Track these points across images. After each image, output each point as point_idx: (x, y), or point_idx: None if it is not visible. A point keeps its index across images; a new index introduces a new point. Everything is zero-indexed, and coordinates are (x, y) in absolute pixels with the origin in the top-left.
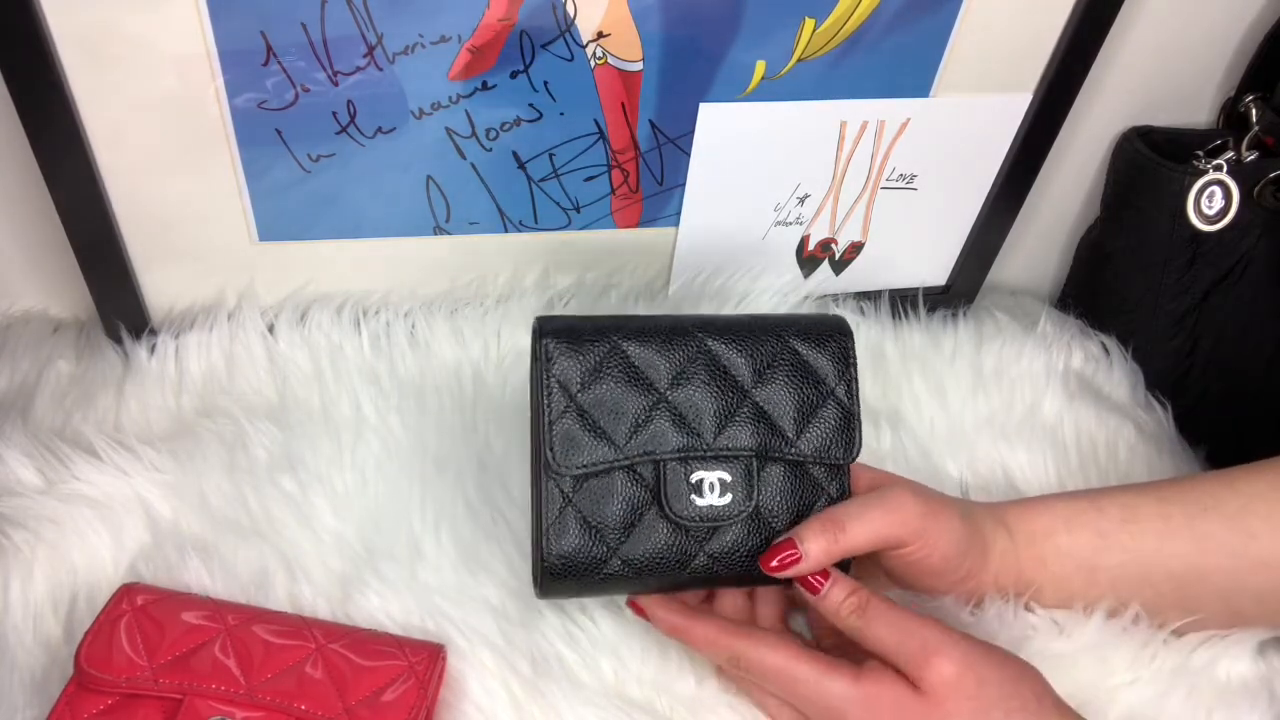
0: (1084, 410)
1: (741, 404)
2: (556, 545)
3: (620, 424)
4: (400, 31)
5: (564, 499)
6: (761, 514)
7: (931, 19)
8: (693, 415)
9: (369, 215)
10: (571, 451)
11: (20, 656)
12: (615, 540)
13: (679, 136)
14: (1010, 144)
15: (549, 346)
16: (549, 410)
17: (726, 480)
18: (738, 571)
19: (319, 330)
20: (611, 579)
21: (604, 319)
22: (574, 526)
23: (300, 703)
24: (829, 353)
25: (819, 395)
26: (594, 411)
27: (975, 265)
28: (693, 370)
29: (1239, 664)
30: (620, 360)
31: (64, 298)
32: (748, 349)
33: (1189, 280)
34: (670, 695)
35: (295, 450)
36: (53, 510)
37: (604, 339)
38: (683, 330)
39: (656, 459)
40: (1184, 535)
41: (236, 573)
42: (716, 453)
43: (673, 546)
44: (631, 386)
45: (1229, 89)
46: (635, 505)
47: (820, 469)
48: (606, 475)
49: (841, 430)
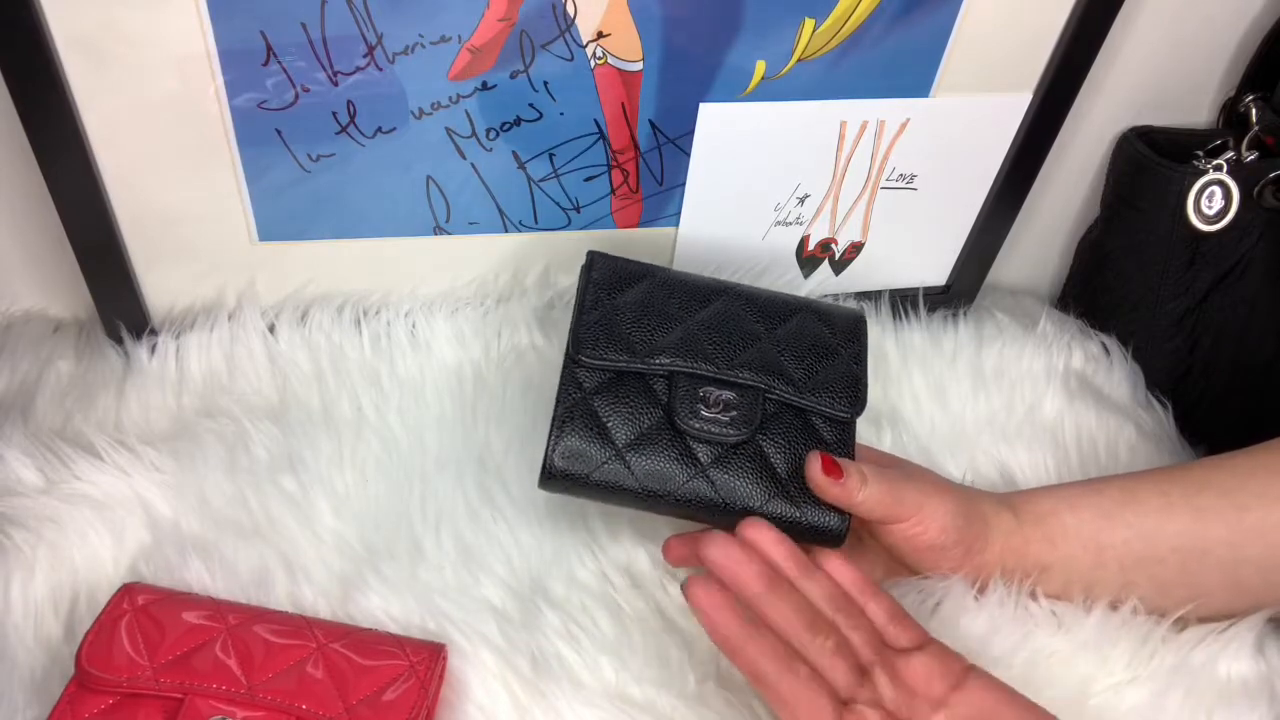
0: (1084, 410)
1: (758, 346)
2: (564, 436)
3: (644, 336)
4: (400, 31)
5: (581, 393)
6: (764, 453)
7: (931, 19)
8: (711, 349)
9: (369, 215)
10: (595, 345)
11: (21, 656)
12: (623, 442)
13: (679, 136)
14: (1010, 144)
15: (595, 258)
16: (583, 304)
17: (732, 400)
18: (734, 504)
19: (319, 330)
20: (610, 483)
21: (653, 265)
22: (584, 421)
23: (301, 702)
24: (844, 327)
25: (830, 355)
26: (622, 319)
27: (975, 265)
28: (719, 319)
29: (1239, 663)
30: (656, 284)
31: (64, 298)
32: (771, 310)
33: (1189, 280)
34: (671, 695)
35: (295, 450)
36: (53, 510)
37: (646, 276)
38: (719, 288)
39: (672, 370)
40: (1183, 511)
41: (237, 572)
42: (728, 377)
43: (676, 460)
44: (661, 307)
45: (1229, 89)
46: (646, 414)
47: (824, 423)
48: (624, 382)
49: (848, 387)
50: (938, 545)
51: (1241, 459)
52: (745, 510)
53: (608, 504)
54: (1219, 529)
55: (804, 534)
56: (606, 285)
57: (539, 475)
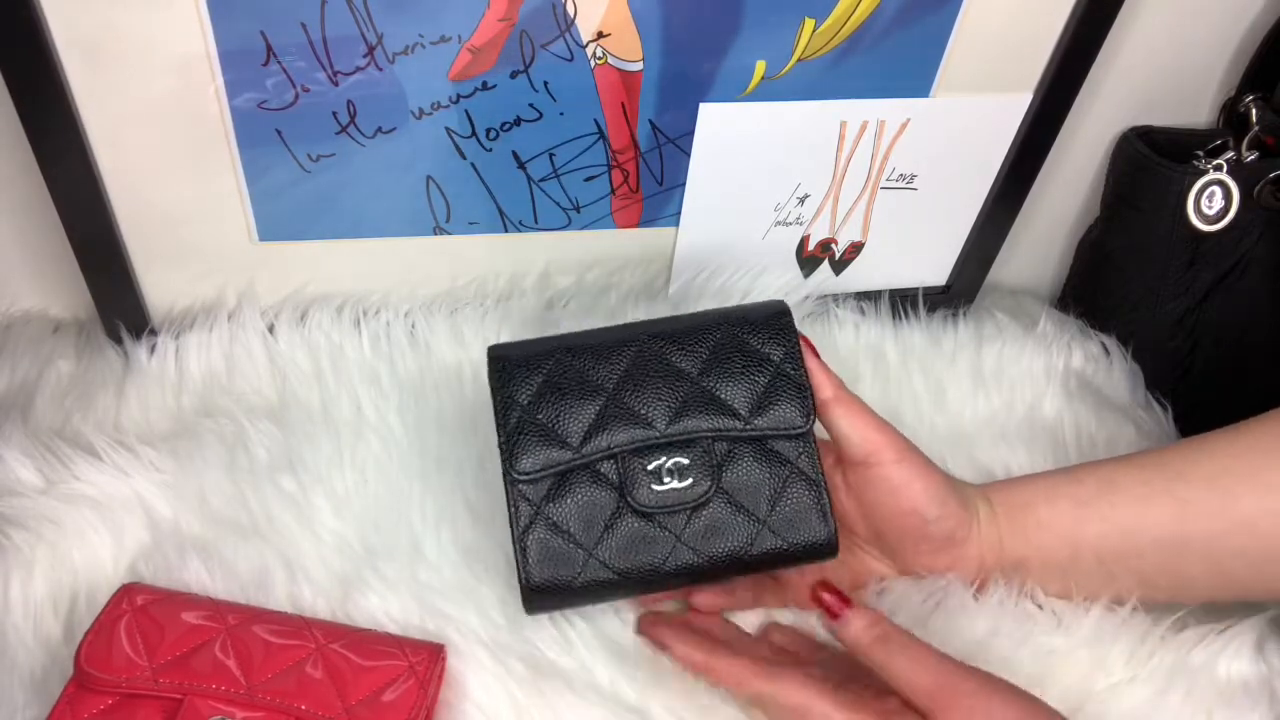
0: (1084, 410)
1: (691, 393)
2: (532, 555)
3: (573, 427)
4: (400, 31)
5: (533, 509)
6: (735, 497)
7: (931, 19)
8: (643, 410)
9: (369, 215)
10: (528, 457)
11: (20, 656)
12: (590, 543)
13: (679, 136)
14: (1010, 144)
15: (498, 368)
16: (504, 424)
17: (684, 464)
18: (721, 559)
19: (319, 330)
20: (595, 583)
21: (552, 338)
22: (545, 534)
23: (300, 703)
24: (770, 332)
25: (766, 373)
26: (546, 419)
27: (975, 265)
28: (640, 370)
29: (1239, 663)
30: (567, 370)
31: (64, 298)
32: (691, 343)
33: (1189, 280)
34: (668, 695)
35: (295, 450)
36: (53, 510)
37: (550, 355)
38: (627, 337)
39: (613, 453)
40: (1163, 500)
41: (236, 572)
42: (670, 439)
43: (649, 539)
44: (581, 392)
45: (1229, 89)
46: (603, 505)
47: (784, 443)
48: (570, 480)
49: (794, 401)
50: (920, 512)
51: (1225, 442)
52: (735, 561)
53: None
54: (1201, 520)
55: (795, 559)
56: (516, 381)
57: (522, 602)
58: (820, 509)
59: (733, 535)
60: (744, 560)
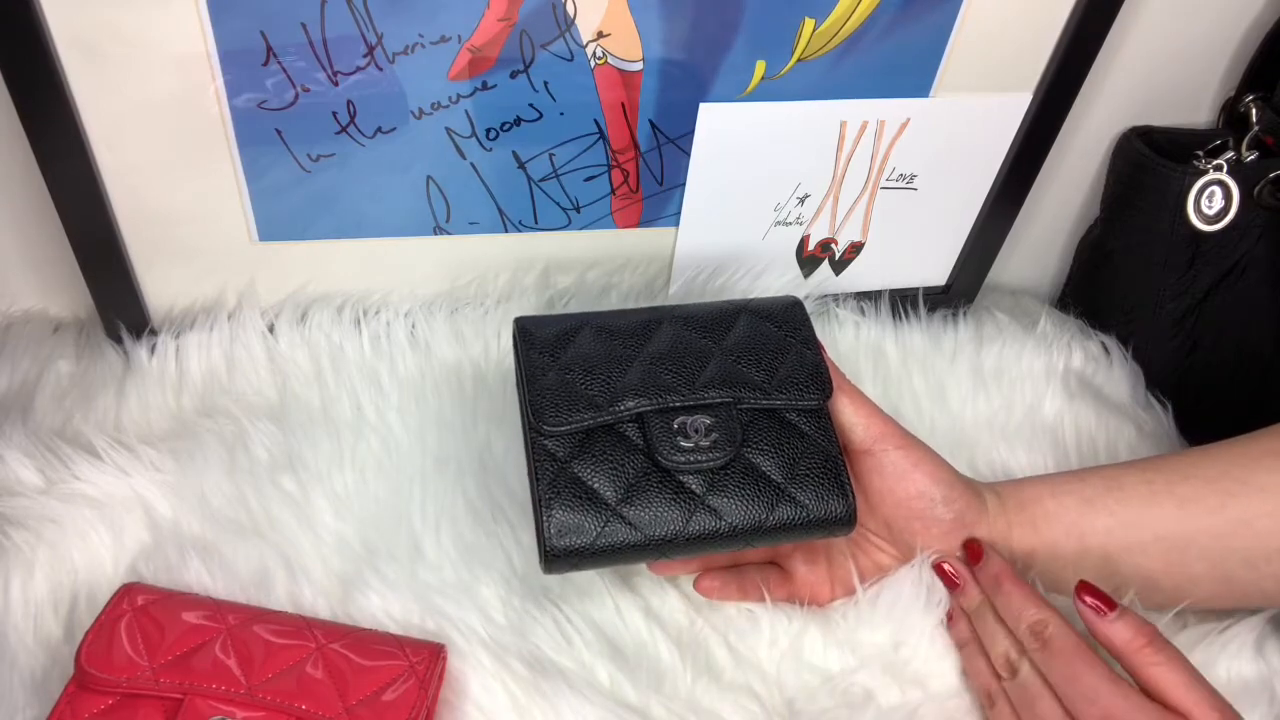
0: (1084, 410)
1: (714, 365)
2: (555, 514)
3: (599, 389)
4: (400, 31)
5: (556, 467)
6: (756, 465)
7: (931, 19)
8: (668, 378)
9: (369, 215)
10: (554, 413)
11: (21, 656)
12: (615, 499)
13: (679, 136)
14: (1010, 144)
15: (524, 324)
16: (530, 374)
17: (708, 423)
18: (742, 525)
19: (319, 330)
20: (615, 544)
21: (577, 314)
22: (569, 490)
23: (301, 702)
24: (785, 317)
25: (782, 349)
26: (573, 380)
27: (975, 265)
28: (665, 343)
29: (1239, 664)
30: (594, 340)
31: (64, 298)
32: (712, 322)
33: (1189, 280)
34: (666, 695)
35: (295, 450)
36: (53, 510)
37: (577, 329)
38: (651, 317)
39: (639, 412)
40: (1166, 500)
41: (237, 572)
42: (696, 400)
43: (672, 501)
44: (607, 359)
45: (1229, 89)
46: (628, 465)
47: (800, 417)
48: (595, 439)
49: (810, 375)
50: (928, 494)
51: (1226, 448)
52: (754, 528)
53: (617, 566)
54: (1202, 519)
55: (814, 530)
56: (548, 348)
57: (540, 560)
58: (839, 482)
59: (753, 502)
60: (763, 528)
